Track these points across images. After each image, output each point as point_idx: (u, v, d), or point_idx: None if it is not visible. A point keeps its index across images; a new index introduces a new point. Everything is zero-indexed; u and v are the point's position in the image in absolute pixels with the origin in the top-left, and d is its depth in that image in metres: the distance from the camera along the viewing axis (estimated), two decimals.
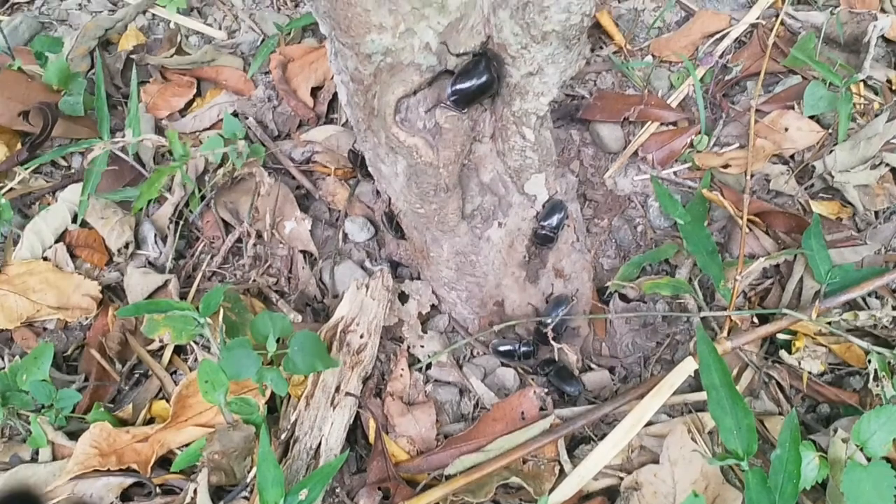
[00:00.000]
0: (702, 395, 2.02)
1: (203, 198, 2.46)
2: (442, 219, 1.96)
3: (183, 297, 2.32)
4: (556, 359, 2.20)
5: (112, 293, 2.35)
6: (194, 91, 2.84)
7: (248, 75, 2.84)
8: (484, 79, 1.65)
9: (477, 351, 2.31)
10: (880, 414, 1.70)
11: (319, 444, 1.95)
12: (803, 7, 2.81)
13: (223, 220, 2.49)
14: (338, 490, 1.96)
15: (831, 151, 2.39)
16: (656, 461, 1.94)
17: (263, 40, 3.01)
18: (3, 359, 2.23)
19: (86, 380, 2.17)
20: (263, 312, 1.92)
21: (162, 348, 2.24)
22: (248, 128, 2.66)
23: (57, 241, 2.39)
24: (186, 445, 1.97)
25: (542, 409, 2.08)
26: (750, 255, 2.30)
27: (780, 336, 2.14)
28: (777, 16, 2.74)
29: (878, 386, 1.90)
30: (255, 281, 2.36)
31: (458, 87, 1.64)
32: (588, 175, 2.57)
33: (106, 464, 1.92)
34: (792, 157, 2.49)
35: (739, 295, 2.21)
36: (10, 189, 2.47)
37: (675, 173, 2.54)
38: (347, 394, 2.03)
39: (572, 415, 2.06)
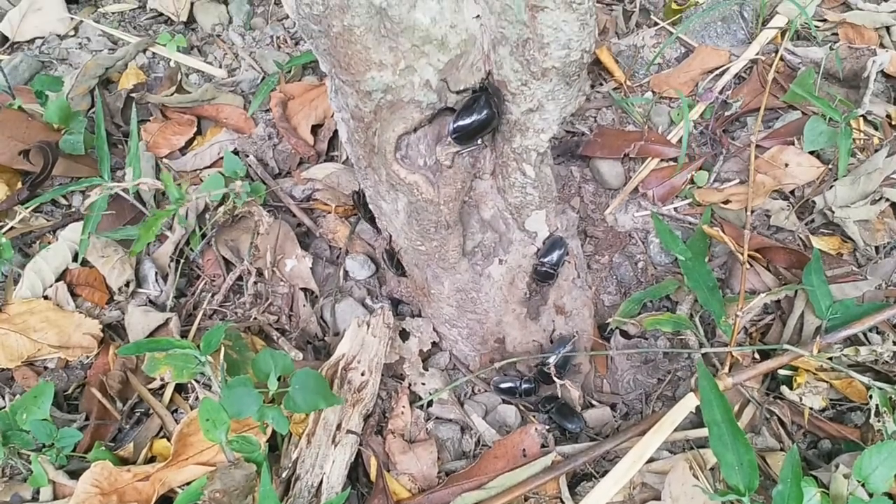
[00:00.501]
0: (703, 432, 2.01)
1: (204, 236, 2.46)
2: (443, 256, 1.96)
3: (184, 335, 2.31)
4: (558, 395, 2.20)
5: (113, 332, 2.35)
6: (195, 129, 2.85)
7: (249, 113, 2.85)
8: (484, 114, 1.66)
9: (478, 388, 2.31)
10: (882, 450, 1.70)
11: (321, 482, 1.95)
12: (802, 43, 2.82)
13: (224, 259, 2.49)
14: None
15: (831, 187, 2.39)
16: (658, 498, 1.93)
17: (264, 78, 3.02)
18: (3, 398, 2.22)
19: (86, 419, 2.16)
20: (264, 350, 1.92)
21: (163, 387, 2.24)
22: (248, 166, 2.66)
23: (58, 280, 2.39)
24: (187, 484, 1.96)
25: (543, 446, 2.07)
26: (751, 291, 2.30)
27: (782, 372, 2.14)
28: (776, 51, 2.76)
29: (879, 421, 1.90)
30: (255, 319, 2.36)
31: (460, 123, 1.65)
32: (588, 211, 2.57)
33: (107, 503, 1.91)
34: (792, 192, 2.50)
35: (740, 331, 2.21)
36: (11, 228, 2.48)
37: (675, 209, 2.54)
38: (349, 431, 2.02)
39: (574, 452, 2.05)
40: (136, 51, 3.11)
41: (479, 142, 1.77)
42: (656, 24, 2.96)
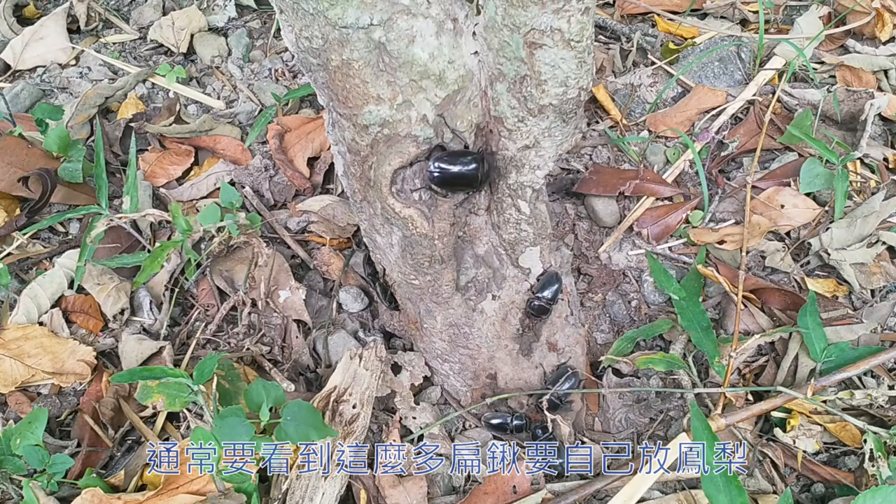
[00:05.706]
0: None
1: (199, 266, 2.46)
2: (436, 290, 1.96)
3: (177, 364, 2.31)
4: (549, 429, 2.19)
5: (107, 359, 2.35)
6: (192, 160, 2.86)
7: (246, 145, 2.85)
8: (471, 167, 1.66)
9: (469, 423, 2.30)
10: (876, 494, 1.69)
11: None
12: (800, 84, 2.84)
13: (218, 289, 2.49)
14: None
15: (827, 229, 2.40)
16: None
17: (261, 110, 3.03)
18: None
19: (78, 445, 2.16)
20: (257, 381, 1.92)
21: (155, 415, 2.23)
22: (244, 197, 2.67)
23: (53, 307, 2.39)
24: None
25: (533, 483, 2.06)
26: (745, 332, 2.29)
27: (775, 414, 2.13)
28: (774, 93, 2.77)
29: (873, 466, 1.89)
30: (248, 349, 2.35)
31: (442, 165, 1.64)
32: (582, 249, 2.57)
33: None
34: (788, 234, 2.50)
35: (734, 372, 2.21)
36: (8, 254, 2.48)
37: (670, 248, 2.54)
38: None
39: (564, 490, 2.04)
40: (135, 81, 3.12)
41: (461, 195, 1.77)
42: (653, 63, 2.97)
